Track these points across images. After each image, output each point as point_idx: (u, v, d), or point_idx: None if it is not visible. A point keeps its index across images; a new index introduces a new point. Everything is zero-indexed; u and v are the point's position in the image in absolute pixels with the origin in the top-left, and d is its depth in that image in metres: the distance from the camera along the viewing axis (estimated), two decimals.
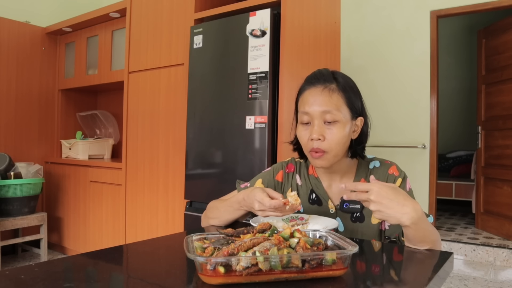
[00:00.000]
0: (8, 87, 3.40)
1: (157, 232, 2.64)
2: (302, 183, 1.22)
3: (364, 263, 0.88)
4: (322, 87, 1.08)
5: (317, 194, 1.19)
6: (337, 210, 1.16)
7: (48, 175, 3.57)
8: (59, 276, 0.74)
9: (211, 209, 1.24)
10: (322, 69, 1.14)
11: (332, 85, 1.08)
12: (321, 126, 1.07)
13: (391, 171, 1.15)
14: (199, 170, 2.36)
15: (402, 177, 1.14)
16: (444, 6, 3.67)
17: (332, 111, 1.06)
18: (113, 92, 3.75)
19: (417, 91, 3.80)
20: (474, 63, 5.32)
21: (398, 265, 0.90)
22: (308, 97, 1.09)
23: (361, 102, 1.13)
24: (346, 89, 1.09)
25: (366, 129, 1.15)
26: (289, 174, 1.24)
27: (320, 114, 1.06)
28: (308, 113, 1.08)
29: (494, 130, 3.85)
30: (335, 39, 2.50)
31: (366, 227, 1.14)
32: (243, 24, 2.15)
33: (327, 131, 1.06)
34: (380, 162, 1.19)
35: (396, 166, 1.17)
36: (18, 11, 3.72)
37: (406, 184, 1.15)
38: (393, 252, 0.97)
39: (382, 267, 0.88)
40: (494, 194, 3.83)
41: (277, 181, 1.24)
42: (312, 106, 1.07)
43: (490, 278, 3.14)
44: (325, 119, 1.06)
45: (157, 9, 2.70)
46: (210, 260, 0.68)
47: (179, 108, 2.54)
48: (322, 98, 1.07)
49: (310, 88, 1.10)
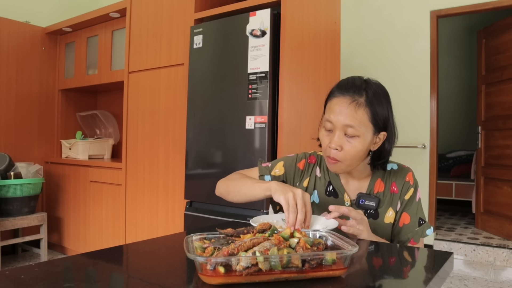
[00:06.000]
0: (8, 87, 3.40)
1: (157, 232, 2.64)
2: (321, 175, 1.26)
3: (364, 263, 0.88)
4: (350, 100, 1.08)
5: (334, 186, 1.22)
6: (352, 204, 1.19)
7: (48, 175, 3.57)
8: (59, 276, 0.74)
9: (233, 179, 1.24)
10: (356, 78, 1.14)
11: (361, 99, 1.08)
12: (341, 137, 1.09)
13: (407, 179, 1.19)
14: (199, 170, 2.36)
15: (414, 187, 1.19)
16: (444, 6, 3.66)
17: (354, 126, 1.07)
18: (113, 92, 3.75)
19: (417, 91, 3.80)
20: (474, 63, 5.32)
21: (398, 265, 0.90)
22: (335, 107, 1.10)
23: (388, 115, 1.13)
24: (374, 104, 1.09)
25: (389, 146, 1.15)
26: (310, 164, 1.28)
27: (342, 126, 1.08)
28: (332, 122, 1.10)
29: (494, 130, 3.85)
30: (335, 39, 2.50)
31: (378, 225, 1.17)
32: (243, 24, 2.15)
33: (346, 143, 1.09)
34: (398, 165, 1.23)
35: (412, 173, 1.22)
36: (18, 11, 3.72)
37: (416, 194, 1.20)
38: (393, 252, 0.97)
39: (382, 267, 0.88)
40: (494, 194, 3.83)
41: (298, 168, 1.27)
42: (336, 116, 1.09)
43: (490, 278, 3.14)
44: (346, 132, 1.08)
45: (157, 9, 2.70)
46: (210, 260, 0.68)
47: (179, 108, 2.54)
48: (347, 111, 1.07)
49: (339, 97, 1.10)
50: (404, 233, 1.17)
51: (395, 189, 1.19)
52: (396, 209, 1.18)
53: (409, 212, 1.17)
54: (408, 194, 1.18)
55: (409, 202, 1.18)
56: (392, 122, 1.14)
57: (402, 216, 1.18)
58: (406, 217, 1.17)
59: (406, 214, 1.17)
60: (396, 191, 1.19)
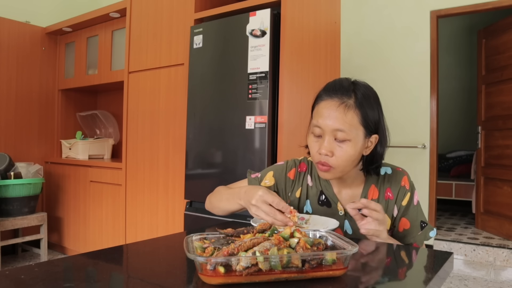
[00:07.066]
0: (8, 87, 3.40)
1: (157, 232, 2.64)
2: (312, 184, 1.21)
3: (364, 263, 0.88)
4: (339, 102, 1.03)
5: (326, 196, 1.18)
6: (346, 212, 1.15)
7: (48, 175, 3.57)
8: (59, 276, 0.74)
9: (215, 194, 1.23)
10: (343, 79, 1.09)
11: (350, 101, 1.04)
12: (331, 143, 1.04)
13: (403, 183, 1.15)
14: (199, 170, 2.36)
15: (410, 191, 1.15)
16: (444, 6, 3.67)
17: (344, 130, 1.02)
18: (113, 92, 3.75)
19: (417, 91, 3.80)
20: (474, 63, 5.32)
21: (398, 265, 0.90)
22: (323, 110, 1.05)
23: (379, 118, 1.08)
24: (363, 105, 1.04)
25: (381, 149, 1.11)
26: (301, 173, 1.22)
27: (331, 130, 1.03)
28: (320, 127, 1.05)
29: (494, 130, 3.85)
30: (335, 39, 2.50)
31: None
32: (243, 24, 2.15)
33: (337, 148, 1.04)
34: (391, 168, 1.18)
35: (407, 176, 1.17)
36: (18, 11, 3.72)
37: (414, 198, 1.15)
38: (393, 252, 0.97)
39: (382, 267, 0.88)
40: (494, 194, 3.83)
41: (288, 178, 1.22)
42: (325, 120, 1.04)
43: (490, 278, 3.14)
44: (336, 137, 1.04)
45: (157, 9, 2.70)
46: (210, 260, 0.68)
47: (179, 108, 2.54)
48: (336, 114, 1.03)
49: (327, 100, 1.06)
50: (406, 237, 1.14)
51: (390, 195, 1.14)
52: (393, 215, 1.14)
53: (408, 218, 1.14)
54: (405, 200, 1.14)
55: (407, 208, 1.14)
56: (383, 125, 1.10)
57: (401, 222, 1.14)
58: (406, 223, 1.14)
59: (405, 219, 1.14)
60: (392, 197, 1.14)
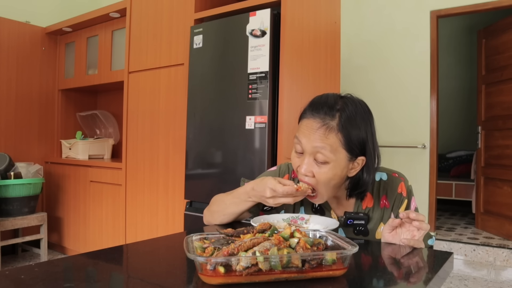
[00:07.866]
0: (8, 87, 3.40)
1: (157, 232, 2.64)
2: None
3: (364, 263, 0.88)
4: (321, 123, 0.98)
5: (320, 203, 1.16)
6: (340, 221, 1.12)
7: (48, 175, 3.57)
8: (59, 276, 0.74)
9: (215, 202, 1.19)
10: (330, 96, 1.04)
11: (332, 123, 0.98)
12: (310, 164, 1.01)
13: (400, 190, 1.11)
14: (199, 170, 2.36)
15: (408, 198, 1.11)
16: (444, 6, 3.67)
17: (324, 152, 0.98)
18: (113, 92, 3.75)
19: (417, 91, 3.80)
20: (474, 63, 5.32)
21: (398, 265, 0.90)
22: (304, 129, 1.01)
23: (366, 138, 1.01)
24: (347, 128, 0.98)
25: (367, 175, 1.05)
26: (295, 179, 1.19)
27: (311, 150, 1.00)
28: (301, 144, 1.02)
29: (494, 130, 3.85)
30: (335, 39, 2.50)
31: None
32: (243, 24, 2.15)
33: (316, 168, 1.00)
34: (387, 174, 1.13)
35: (404, 182, 1.13)
36: (18, 11, 3.72)
37: (411, 204, 1.12)
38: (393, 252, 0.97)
39: (382, 267, 0.88)
40: (494, 194, 3.83)
41: None
42: (305, 138, 1.00)
43: (490, 278, 3.14)
44: (316, 158, 1.00)
45: (157, 9, 2.70)
46: (210, 260, 0.68)
47: (179, 108, 2.54)
48: (317, 136, 0.98)
49: (309, 119, 1.01)
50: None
51: (386, 203, 1.11)
52: None
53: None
54: (402, 207, 1.10)
55: None
56: (372, 145, 1.03)
57: None
58: None
59: None
60: (388, 205, 1.11)
